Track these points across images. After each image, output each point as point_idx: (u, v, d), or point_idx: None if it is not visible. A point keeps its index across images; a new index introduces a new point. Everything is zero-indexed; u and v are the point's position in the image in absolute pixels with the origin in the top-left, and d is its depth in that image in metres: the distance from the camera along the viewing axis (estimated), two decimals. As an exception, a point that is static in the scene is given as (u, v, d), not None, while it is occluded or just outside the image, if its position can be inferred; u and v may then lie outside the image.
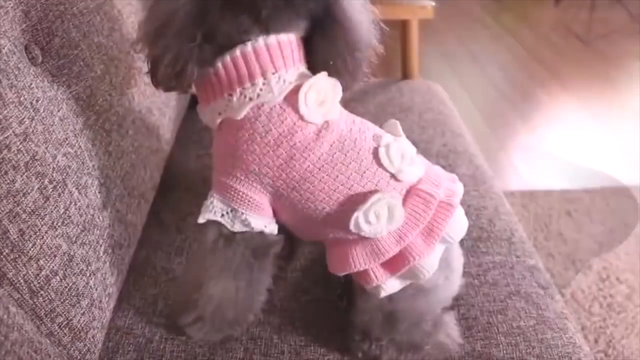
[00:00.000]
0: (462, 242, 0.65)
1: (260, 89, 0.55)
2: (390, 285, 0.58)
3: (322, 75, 0.56)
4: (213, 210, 0.58)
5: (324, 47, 0.57)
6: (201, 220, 0.58)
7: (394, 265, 0.57)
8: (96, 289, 0.61)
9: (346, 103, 0.60)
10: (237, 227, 0.57)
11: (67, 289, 0.57)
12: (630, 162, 1.84)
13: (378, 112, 1.08)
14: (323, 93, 0.56)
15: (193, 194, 0.82)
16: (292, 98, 0.55)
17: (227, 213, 0.57)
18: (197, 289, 0.61)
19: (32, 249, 0.54)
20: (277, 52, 0.55)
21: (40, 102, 0.58)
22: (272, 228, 0.59)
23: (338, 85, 0.57)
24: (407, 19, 1.23)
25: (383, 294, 0.58)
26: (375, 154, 0.57)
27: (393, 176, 0.57)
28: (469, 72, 2.49)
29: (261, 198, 0.57)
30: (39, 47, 0.61)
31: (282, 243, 0.61)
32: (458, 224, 0.59)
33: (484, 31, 2.89)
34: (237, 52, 0.55)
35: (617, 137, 1.99)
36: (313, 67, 0.58)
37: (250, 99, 0.55)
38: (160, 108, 0.86)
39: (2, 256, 0.52)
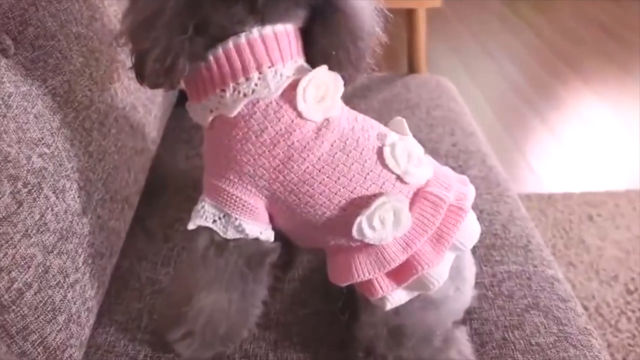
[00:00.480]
0: (474, 250, 0.65)
1: (256, 84, 0.55)
2: (396, 296, 0.58)
3: (322, 69, 0.57)
4: (204, 215, 0.58)
5: (325, 37, 0.57)
6: (191, 226, 0.58)
7: (400, 274, 0.57)
8: (74, 303, 0.61)
9: (348, 99, 0.60)
10: (230, 234, 0.57)
11: (42, 304, 0.57)
12: (658, 163, 1.84)
13: (382, 109, 1.09)
14: (323, 88, 0.56)
15: (182, 198, 0.82)
16: (289, 94, 0.55)
17: (220, 218, 0.57)
18: (186, 302, 0.61)
19: (3, 260, 0.53)
20: (274, 44, 0.56)
21: (12, 97, 0.58)
22: (268, 235, 0.60)
23: (339, 79, 0.58)
24: (413, 7, 1.23)
25: (389, 306, 0.58)
26: (380, 154, 0.57)
27: (399, 178, 0.57)
28: (481, 67, 2.49)
29: (256, 202, 0.57)
30: (11, 37, 0.61)
31: (278, 251, 0.61)
32: (470, 230, 0.60)
33: (498, 24, 2.89)
34: (230, 44, 0.55)
35: (643, 135, 1.99)
36: (312, 60, 0.58)
37: (245, 94, 0.55)
38: (145, 105, 0.86)
39: (-29, 267, 0.52)
